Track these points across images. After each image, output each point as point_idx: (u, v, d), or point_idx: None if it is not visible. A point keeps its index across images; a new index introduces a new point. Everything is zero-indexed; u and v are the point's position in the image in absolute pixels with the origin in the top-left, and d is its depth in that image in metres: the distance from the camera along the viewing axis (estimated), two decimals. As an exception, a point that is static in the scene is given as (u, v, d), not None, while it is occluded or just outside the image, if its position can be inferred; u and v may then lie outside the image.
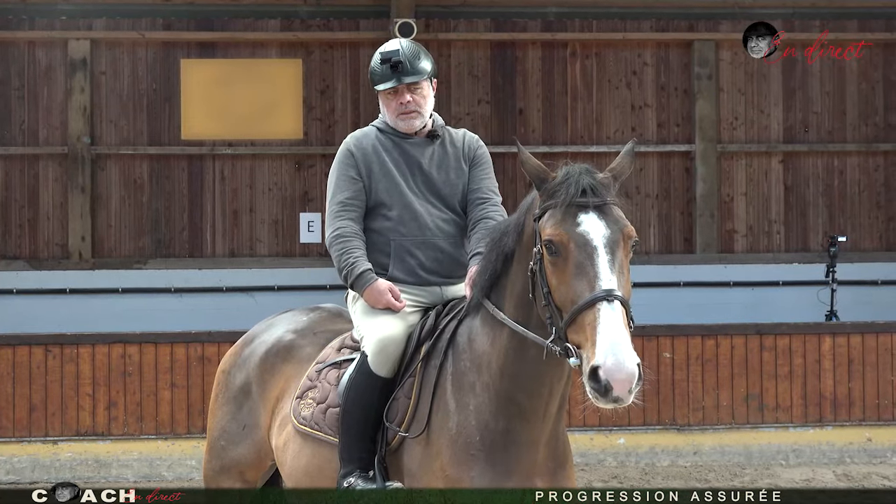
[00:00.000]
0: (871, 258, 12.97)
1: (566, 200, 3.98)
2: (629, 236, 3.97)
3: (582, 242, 3.90)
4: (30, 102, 12.63)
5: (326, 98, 12.82)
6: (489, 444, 4.18)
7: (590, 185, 4.01)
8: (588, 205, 3.97)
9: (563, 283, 3.91)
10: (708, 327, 10.56)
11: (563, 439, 4.35)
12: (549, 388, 4.18)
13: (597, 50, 13.01)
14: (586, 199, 3.97)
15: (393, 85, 4.88)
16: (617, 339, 3.68)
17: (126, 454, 10.05)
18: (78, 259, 12.47)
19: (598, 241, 3.89)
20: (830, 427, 10.44)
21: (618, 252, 3.90)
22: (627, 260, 3.97)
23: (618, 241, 3.92)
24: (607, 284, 3.80)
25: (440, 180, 4.92)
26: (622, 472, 9.97)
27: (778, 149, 13.10)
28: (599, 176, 4.08)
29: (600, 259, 3.86)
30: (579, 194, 3.98)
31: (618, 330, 3.69)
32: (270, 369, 5.13)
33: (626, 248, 3.95)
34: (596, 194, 4.00)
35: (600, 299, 3.76)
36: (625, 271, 3.91)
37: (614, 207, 4.02)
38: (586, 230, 3.92)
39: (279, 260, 12.66)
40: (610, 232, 3.92)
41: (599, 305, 3.75)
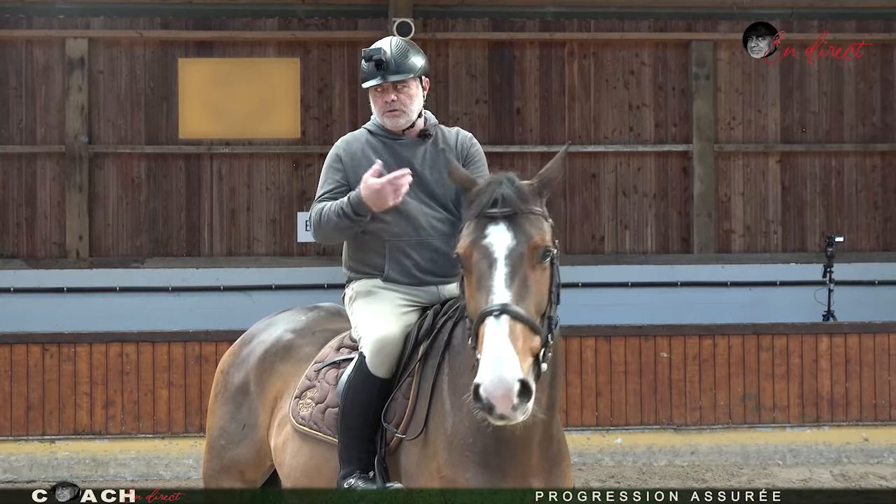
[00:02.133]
0: (868, 258, 12.99)
1: (477, 212, 3.95)
2: (535, 247, 3.87)
3: (483, 255, 3.86)
4: (27, 101, 12.62)
5: (324, 97, 12.82)
6: (482, 446, 4.17)
7: (502, 195, 3.93)
8: (497, 216, 3.90)
9: (470, 297, 3.92)
10: (705, 327, 10.57)
11: (557, 438, 4.33)
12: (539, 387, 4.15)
13: (594, 50, 13.02)
14: (496, 210, 3.91)
15: (377, 83, 4.87)
16: (497, 354, 3.62)
17: (123, 453, 10.04)
18: (75, 258, 12.46)
19: (499, 254, 3.84)
20: (827, 427, 10.44)
21: (521, 264, 3.83)
22: (539, 270, 3.88)
23: (522, 252, 3.85)
24: (499, 299, 3.74)
25: (433, 180, 4.90)
26: (619, 471, 9.98)
27: (775, 149, 13.11)
28: (520, 184, 4.00)
29: (497, 272, 3.80)
30: (490, 205, 3.92)
31: (499, 345, 3.63)
32: (269, 369, 5.13)
33: (533, 259, 3.86)
34: (507, 204, 3.92)
35: (487, 314, 3.72)
36: (530, 283, 3.83)
37: (529, 217, 3.94)
38: (490, 242, 3.87)
39: (277, 259, 12.66)
40: (515, 243, 3.86)
41: (487, 321, 3.71)
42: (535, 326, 3.80)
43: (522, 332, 3.72)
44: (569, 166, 12.98)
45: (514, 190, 3.96)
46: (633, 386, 10.30)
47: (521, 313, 3.73)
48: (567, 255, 12.86)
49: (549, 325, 3.90)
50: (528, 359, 3.72)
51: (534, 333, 3.79)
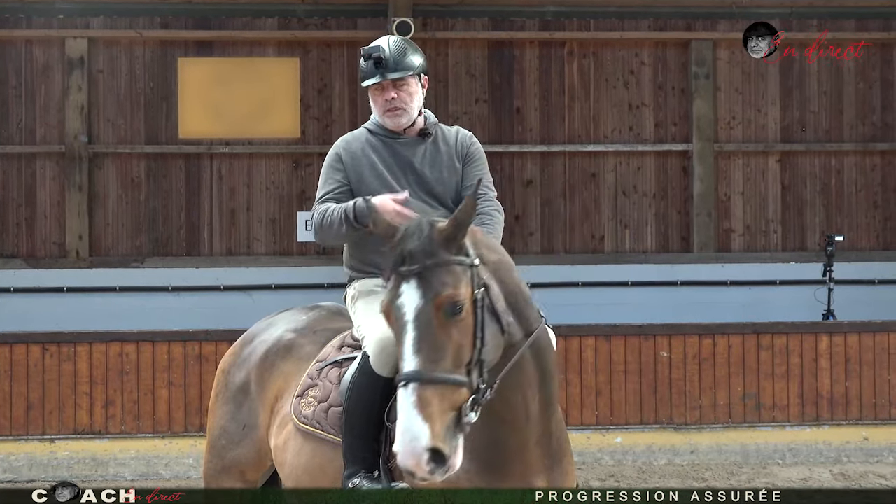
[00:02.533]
0: (868, 257, 12.99)
1: (392, 270, 3.87)
2: (440, 304, 3.76)
3: (397, 317, 3.81)
4: (27, 101, 12.62)
5: (324, 97, 12.83)
6: (482, 447, 4.16)
7: (410, 252, 3.82)
8: (407, 274, 3.81)
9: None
10: (705, 326, 10.57)
11: (557, 435, 4.31)
12: (521, 394, 4.12)
13: (594, 49, 13.02)
14: (405, 268, 3.81)
15: (377, 81, 4.85)
16: (406, 426, 3.61)
17: (123, 453, 10.04)
18: (75, 257, 12.47)
19: (408, 317, 3.76)
20: (827, 426, 10.44)
21: (429, 325, 3.74)
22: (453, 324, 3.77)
23: (429, 312, 3.75)
24: (407, 366, 3.69)
25: (433, 179, 4.89)
26: (619, 470, 9.98)
27: (775, 148, 13.11)
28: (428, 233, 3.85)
29: (407, 338, 3.75)
30: (400, 263, 3.84)
31: (406, 417, 3.61)
32: (270, 368, 5.11)
33: (441, 316, 3.75)
34: (414, 261, 3.79)
35: (398, 384, 3.71)
36: (442, 341, 3.74)
37: (438, 270, 3.80)
38: (401, 304, 3.80)
39: (276, 259, 12.67)
40: (422, 303, 3.76)
41: (398, 390, 3.70)
42: (454, 381, 3.72)
43: (434, 395, 3.66)
44: (569, 166, 12.99)
45: (425, 242, 3.82)
46: (632, 385, 10.31)
47: (431, 377, 3.67)
48: (567, 254, 12.88)
49: (479, 369, 3.80)
50: (445, 419, 3.66)
51: (455, 388, 3.72)
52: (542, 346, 4.17)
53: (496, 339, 3.91)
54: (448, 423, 3.69)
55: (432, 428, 3.62)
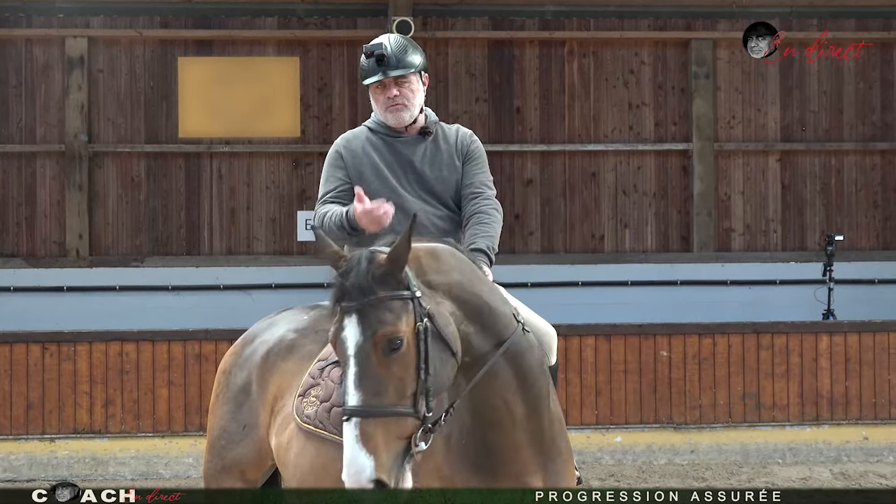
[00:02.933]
0: (868, 257, 12.99)
1: (335, 304, 3.90)
2: (377, 343, 3.77)
3: (340, 352, 3.86)
4: (27, 100, 12.62)
5: (324, 96, 12.83)
6: (473, 449, 4.18)
7: (350, 287, 3.83)
8: (348, 310, 3.84)
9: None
10: (705, 326, 10.56)
11: (552, 435, 4.31)
12: (501, 399, 4.13)
13: (594, 48, 13.02)
14: (346, 304, 3.84)
15: (378, 78, 4.85)
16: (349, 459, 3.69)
17: (123, 452, 10.04)
18: (75, 257, 12.47)
19: (350, 352, 3.80)
20: (827, 426, 10.44)
21: (369, 360, 3.77)
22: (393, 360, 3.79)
23: (368, 348, 3.77)
24: (350, 401, 3.75)
25: (433, 177, 4.89)
26: (619, 470, 9.98)
27: (775, 147, 13.11)
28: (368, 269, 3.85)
29: (349, 372, 3.79)
30: (341, 298, 3.87)
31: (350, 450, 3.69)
32: (271, 368, 5.11)
33: (381, 353, 3.78)
34: (353, 297, 3.82)
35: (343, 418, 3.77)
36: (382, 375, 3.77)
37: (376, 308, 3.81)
38: (344, 338, 3.83)
39: (276, 258, 12.67)
40: (362, 339, 3.79)
41: (343, 425, 3.77)
42: (395, 412, 3.75)
43: (377, 428, 3.71)
44: (569, 165, 12.99)
45: (362, 278, 3.83)
46: (632, 385, 10.30)
47: (372, 411, 3.73)
48: (567, 253, 12.88)
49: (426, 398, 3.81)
50: (390, 450, 3.72)
51: (398, 419, 3.75)
52: (518, 351, 4.15)
53: (446, 365, 3.90)
54: (394, 453, 3.73)
55: (377, 460, 3.68)
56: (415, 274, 3.92)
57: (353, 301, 3.82)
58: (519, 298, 4.73)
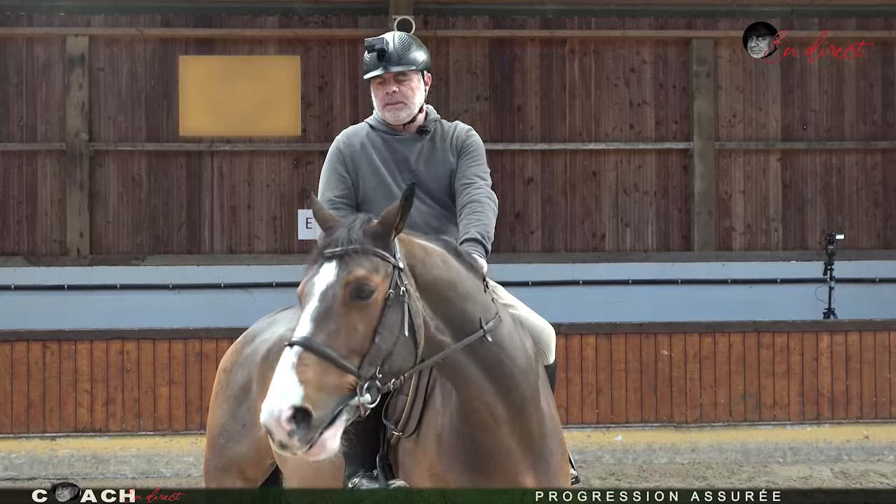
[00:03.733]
0: (868, 256, 12.99)
1: (316, 252, 3.89)
2: (348, 282, 3.75)
3: (306, 293, 3.82)
4: (28, 99, 12.63)
5: (325, 95, 12.83)
6: (463, 449, 4.19)
7: (336, 237, 3.85)
8: (330, 256, 3.82)
9: None
10: (706, 325, 10.57)
11: (542, 434, 4.31)
12: (479, 402, 4.14)
13: (595, 47, 13.02)
14: (329, 251, 3.84)
15: (379, 73, 4.85)
16: (275, 384, 3.58)
17: (124, 451, 10.05)
18: (76, 255, 12.47)
19: (316, 290, 3.77)
20: (828, 425, 10.45)
21: (333, 300, 3.73)
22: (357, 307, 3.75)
23: (337, 290, 3.75)
24: (299, 332, 3.69)
25: (428, 176, 4.89)
26: (620, 469, 9.98)
27: (776, 146, 13.11)
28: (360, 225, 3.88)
29: (308, 308, 3.75)
30: (324, 246, 3.87)
31: (280, 374, 3.59)
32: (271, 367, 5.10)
33: (347, 295, 3.75)
34: (340, 244, 3.82)
35: (285, 344, 3.69)
36: (340, 319, 3.72)
37: (359, 255, 3.81)
38: (315, 281, 3.80)
39: (277, 257, 12.67)
40: (333, 279, 3.77)
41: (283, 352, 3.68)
42: (339, 362, 3.67)
43: (316, 364, 3.62)
44: (569, 164, 12.99)
45: (354, 230, 3.86)
46: (633, 384, 10.31)
47: (319, 349, 3.64)
48: (568, 252, 12.87)
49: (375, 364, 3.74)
50: (322, 392, 3.60)
51: (339, 369, 3.66)
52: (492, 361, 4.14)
53: (402, 347, 3.83)
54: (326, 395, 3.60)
55: (305, 391, 3.55)
56: (403, 255, 3.93)
57: (338, 247, 3.82)
58: (520, 297, 4.73)
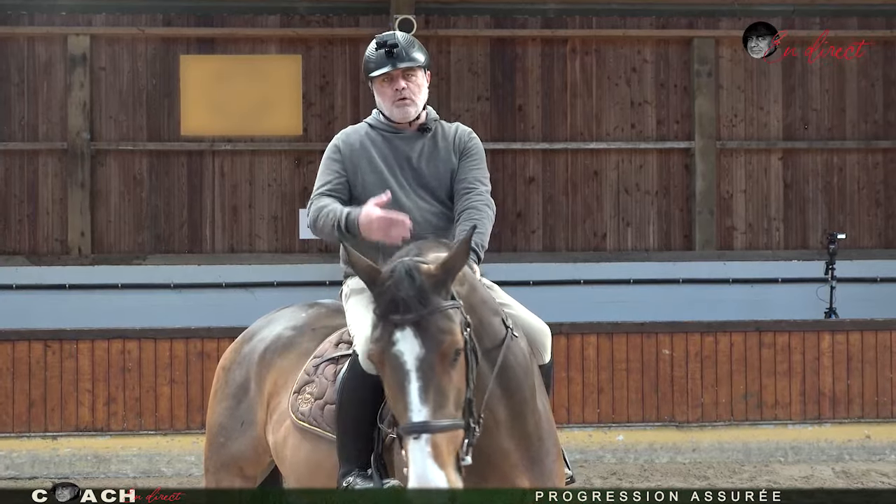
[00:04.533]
0: (870, 255, 12.97)
1: (382, 315, 3.80)
2: (445, 354, 3.75)
3: (394, 366, 3.76)
4: (29, 98, 12.63)
5: (326, 94, 12.82)
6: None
7: (404, 298, 3.76)
8: (402, 322, 3.75)
9: (389, 394, 3.86)
10: (707, 324, 10.56)
11: (539, 436, 4.31)
12: (487, 403, 4.14)
13: (596, 47, 13.01)
14: (399, 317, 3.76)
15: (388, 70, 4.85)
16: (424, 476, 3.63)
17: (125, 450, 10.05)
18: (77, 255, 12.47)
19: (410, 365, 3.73)
20: (829, 424, 10.44)
21: (433, 373, 3.73)
22: (453, 370, 3.78)
23: (433, 361, 3.73)
24: (417, 417, 3.68)
25: (429, 173, 4.90)
26: (621, 468, 9.98)
27: (777, 146, 13.10)
28: (420, 280, 3.80)
29: (411, 387, 3.72)
30: (392, 309, 3.78)
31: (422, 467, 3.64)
32: (269, 365, 5.14)
33: (446, 364, 3.75)
34: (409, 309, 3.75)
35: (408, 434, 3.70)
36: (446, 387, 3.75)
37: (435, 318, 3.77)
38: (399, 352, 3.74)
39: (278, 256, 12.67)
40: (424, 352, 3.73)
41: (407, 440, 3.69)
42: (457, 425, 3.76)
43: (444, 441, 3.70)
44: (570, 163, 12.99)
45: (415, 290, 3.78)
46: (634, 383, 10.31)
47: (440, 426, 3.70)
48: (569, 252, 12.87)
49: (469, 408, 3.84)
50: (452, 458, 3.71)
51: (457, 430, 3.76)
52: (505, 361, 4.17)
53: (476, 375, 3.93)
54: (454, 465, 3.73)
55: (448, 474, 3.66)
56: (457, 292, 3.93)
57: (410, 313, 3.75)
58: (520, 297, 4.74)
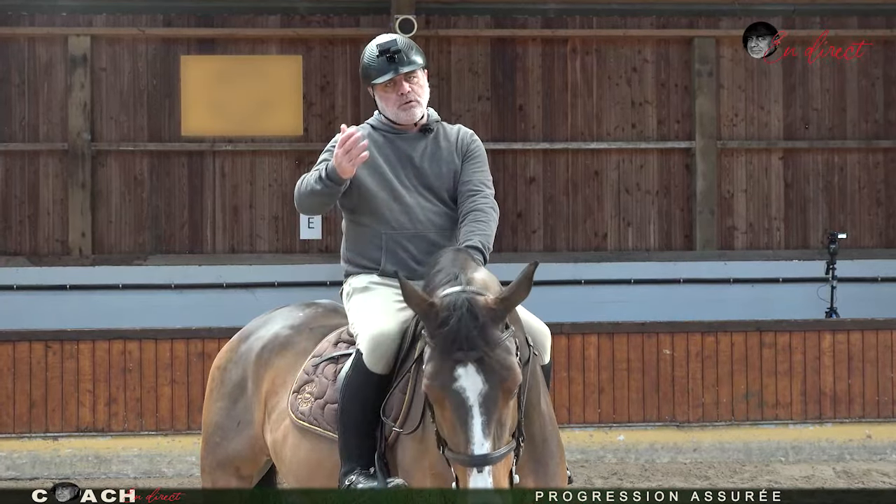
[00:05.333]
0: (871, 255, 12.96)
1: (443, 352, 3.82)
2: (509, 390, 3.82)
3: (457, 402, 3.79)
4: (30, 98, 12.63)
5: (327, 94, 12.82)
6: None
7: (467, 336, 3.80)
8: (465, 359, 3.79)
9: (442, 426, 3.90)
10: (708, 324, 10.56)
11: (543, 438, 4.33)
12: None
13: (597, 46, 13.01)
14: (462, 354, 3.79)
15: (392, 76, 4.88)
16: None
17: (126, 450, 10.06)
18: (78, 255, 12.47)
19: (473, 401, 3.78)
20: (830, 424, 10.44)
21: (494, 409, 3.79)
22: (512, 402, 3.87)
23: (496, 397, 3.79)
24: (479, 450, 3.74)
25: (432, 173, 4.92)
26: (622, 468, 9.98)
27: (778, 145, 13.10)
28: (482, 316, 3.85)
29: (474, 421, 3.77)
30: (456, 347, 3.81)
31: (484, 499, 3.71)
32: (266, 364, 5.14)
33: (508, 398, 3.83)
34: (473, 346, 3.79)
35: (472, 466, 3.74)
36: (505, 420, 3.83)
37: (497, 354, 3.82)
38: (462, 387, 3.79)
39: (279, 256, 12.67)
40: (488, 388, 3.78)
41: (469, 472, 3.74)
42: (512, 448, 3.87)
43: (502, 469, 3.79)
44: (571, 163, 12.98)
45: (478, 327, 3.82)
46: (635, 383, 10.31)
47: (500, 455, 3.79)
48: (569, 251, 12.87)
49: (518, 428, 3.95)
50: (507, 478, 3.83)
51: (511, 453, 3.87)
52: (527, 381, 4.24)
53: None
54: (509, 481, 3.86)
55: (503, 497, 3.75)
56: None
57: (473, 349, 3.79)
58: (521, 297, 4.73)
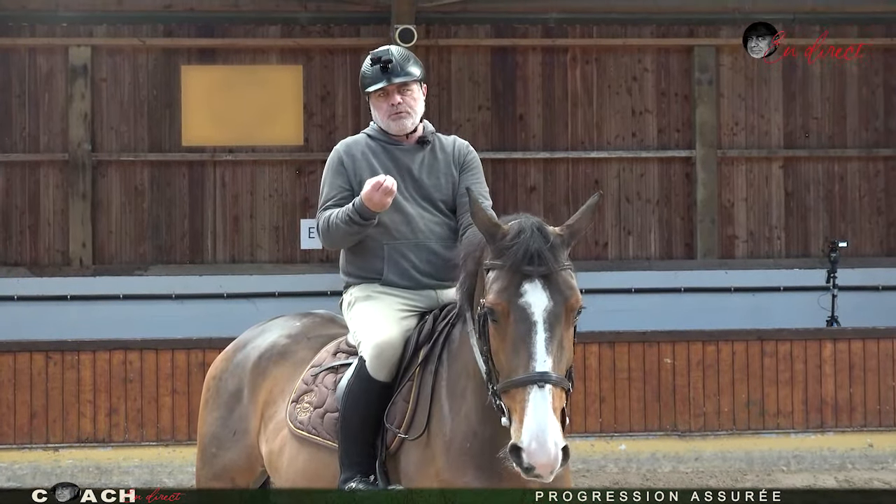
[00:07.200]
0: (871, 263, 12.96)
1: (512, 267, 3.88)
2: (573, 308, 3.89)
3: (522, 316, 3.83)
4: (30, 109, 12.64)
5: (327, 104, 12.83)
6: (479, 451, 4.20)
7: (538, 251, 3.88)
8: (533, 274, 3.86)
9: (501, 351, 3.89)
10: (709, 333, 10.56)
11: None
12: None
13: (597, 55, 13.02)
14: (532, 268, 3.86)
15: (383, 85, 4.91)
16: (542, 425, 3.68)
17: (127, 461, 10.04)
18: (79, 265, 12.47)
19: (538, 316, 3.82)
20: (832, 433, 10.43)
21: (558, 327, 3.84)
22: (571, 329, 3.92)
23: (560, 314, 3.85)
24: (541, 366, 3.75)
25: (431, 185, 4.94)
26: (623, 477, 9.97)
27: (778, 154, 13.10)
28: (551, 237, 3.95)
29: (538, 337, 3.80)
30: (526, 261, 3.87)
31: (544, 416, 3.69)
32: (263, 374, 5.14)
33: (570, 321, 3.89)
34: (542, 262, 3.87)
35: (532, 382, 3.74)
36: (565, 344, 3.86)
37: (563, 274, 3.92)
38: (528, 302, 3.84)
39: (280, 266, 12.67)
40: (553, 304, 3.85)
41: (530, 389, 3.73)
42: (567, 384, 3.85)
43: (559, 397, 3.77)
44: (571, 172, 12.99)
45: (548, 246, 3.90)
46: (636, 392, 10.30)
47: (560, 380, 3.78)
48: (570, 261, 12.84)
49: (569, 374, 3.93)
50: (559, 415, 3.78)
51: (565, 389, 3.84)
52: None
53: None
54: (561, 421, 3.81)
55: (560, 429, 3.73)
56: None
57: (543, 265, 3.86)
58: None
